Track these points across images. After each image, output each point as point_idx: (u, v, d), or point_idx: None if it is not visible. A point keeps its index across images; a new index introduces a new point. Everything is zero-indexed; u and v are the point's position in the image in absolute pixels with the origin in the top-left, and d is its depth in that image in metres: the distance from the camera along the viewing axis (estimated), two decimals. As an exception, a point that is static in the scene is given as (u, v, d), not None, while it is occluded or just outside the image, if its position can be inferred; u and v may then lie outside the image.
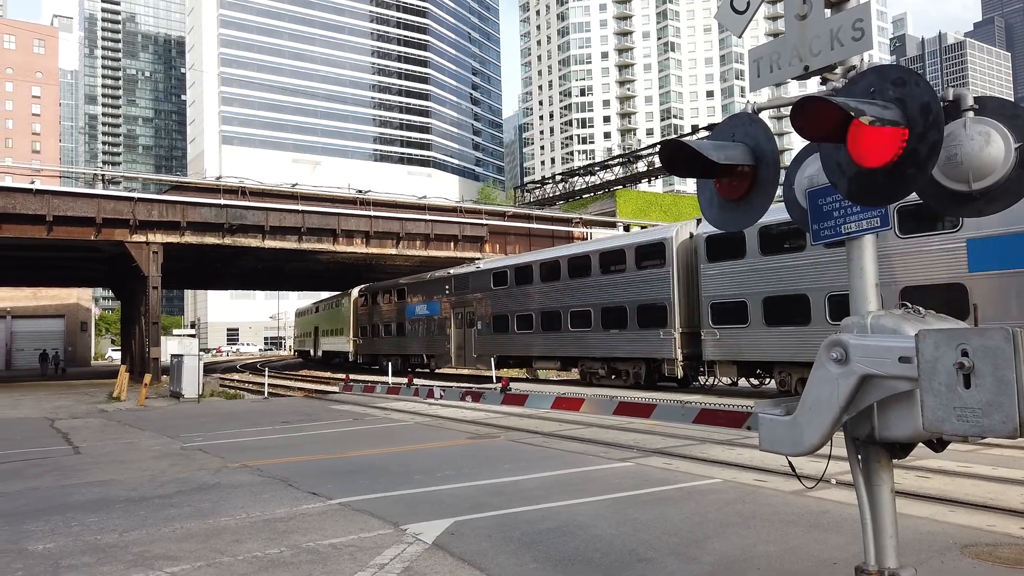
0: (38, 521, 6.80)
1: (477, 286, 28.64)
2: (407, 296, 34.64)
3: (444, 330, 31.01)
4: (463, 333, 29.53)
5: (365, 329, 39.70)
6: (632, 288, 20.85)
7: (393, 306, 36.07)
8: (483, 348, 27.92)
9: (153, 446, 12.08)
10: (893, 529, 3.18)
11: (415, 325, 33.67)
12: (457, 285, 30.19)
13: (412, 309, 33.95)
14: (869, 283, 3.27)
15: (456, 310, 30.11)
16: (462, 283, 29.86)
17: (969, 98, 3.25)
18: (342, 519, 6.51)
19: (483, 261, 29.93)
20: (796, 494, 7.00)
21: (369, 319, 39.05)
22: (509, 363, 27.46)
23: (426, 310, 32.70)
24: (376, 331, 38.19)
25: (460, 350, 29.73)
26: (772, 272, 16.67)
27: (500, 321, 26.99)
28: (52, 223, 27.53)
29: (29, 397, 26.06)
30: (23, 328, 59.38)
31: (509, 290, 26.53)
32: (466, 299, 29.35)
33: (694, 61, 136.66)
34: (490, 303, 27.62)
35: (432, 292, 32.43)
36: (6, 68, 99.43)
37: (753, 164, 3.49)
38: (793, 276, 16.19)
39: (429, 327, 32.41)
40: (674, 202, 53.48)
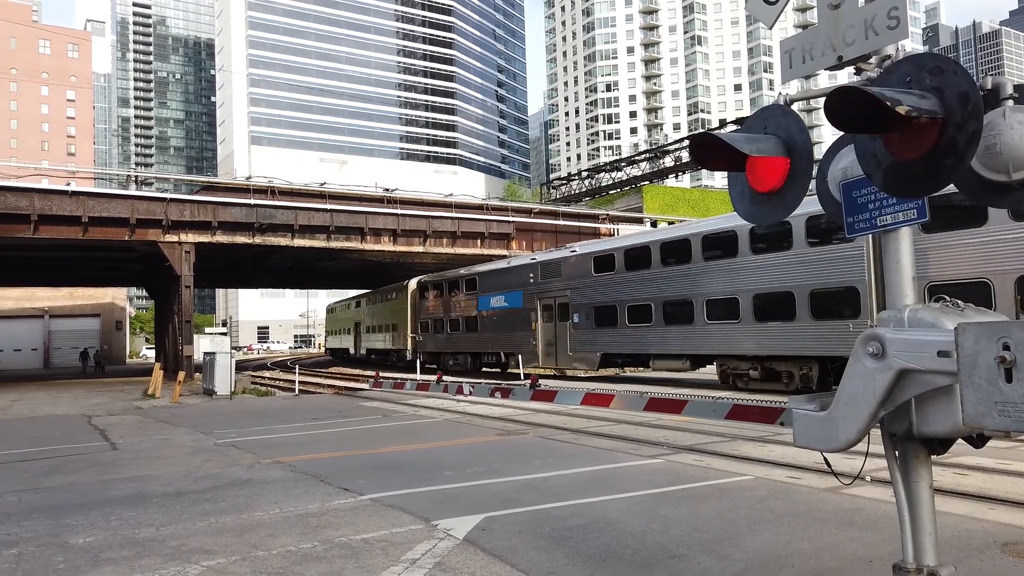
0: (78, 515, 6.95)
1: (573, 273, 24.81)
2: (479, 286, 30.61)
3: (528, 325, 27.19)
4: (553, 328, 25.83)
5: (426, 324, 35.37)
6: (803, 270, 16.89)
7: (461, 298, 31.99)
8: (582, 345, 24.30)
9: (187, 442, 12.28)
10: (932, 526, 3.12)
11: (490, 319, 29.83)
12: (545, 272, 26.39)
13: (486, 301, 30.02)
14: (906, 276, 3.21)
15: (544, 301, 26.34)
16: (551, 270, 26.10)
17: (1009, 86, 3.17)
18: (373, 514, 6.57)
19: (579, 244, 26.34)
20: (830, 491, 6.91)
21: (431, 313, 34.92)
22: (617, 362, 24.15)
23: (504, 302, 28.79)
24: (440, 327, 34.05)
25: (550, 347, 26.05)
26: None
27: (605, 313, 23.22)
28: (88, 224, 28.09)
29: (67, 395, 26.63)
30: (60, 327, 60.68)
31: (617, 277, 22.73)
32: (557, 288, 25.61)
33: (721, 54, 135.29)
34: (591, 292, 23.88)
35: (512, 281, 28.44)
36: (41, 72, 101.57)
37: (786, 156, 3.45)
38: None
39: (508, 321, 28.57)
40: (702, 197, 53.08)
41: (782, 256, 17.49)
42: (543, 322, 26.35)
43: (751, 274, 18.23)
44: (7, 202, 26.80)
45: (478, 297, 30.58)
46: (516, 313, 27.97)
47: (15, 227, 27.15)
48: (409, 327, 37.14)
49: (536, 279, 26.84)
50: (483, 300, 30.28)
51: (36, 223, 27.24)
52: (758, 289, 17.98)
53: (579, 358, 24.56)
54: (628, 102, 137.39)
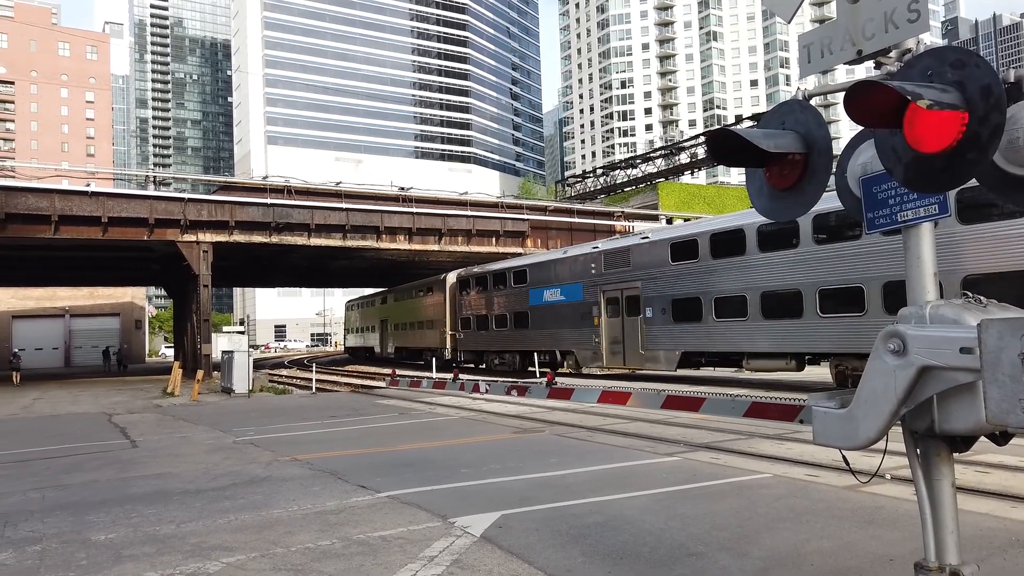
0: (99, 512, 7.03)
1: (645, 262, 22.28)
2: (530, 279, 28.21)
3: (589, 320, 24.72)
4: (619, 323, 23.36)
5: (468, 321, 33.01)
6: (956, 252, 14.08)
7: (509, 292, 29.59)
8: (658, 342, 21.77)
9: (206, 440, 12.38)
10: (954, 524, 3.09)
11: (542, 315, 27.33)
12: (610, 262, 23.87)
13: (538, 295, 27.57)
14: (927, 272, 3.18)
15: (609, 294, 23.83)
16: (617, 259, 23.58)
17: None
18: (391, 512, 6.59)
19: (652, 230, 24.09)
20: (849, 489, 6.86)
21: (473, 309, 32.61)
22: (699, 361, 21.37)
23: (560, 296, 26.32)
24: (483, 323, 31.63)
25: (616, 344, 23.60)
26: None
27: (686, 306, 20.72)
28: (107, 224, 28.38)
29: (87, 393, 26.94)
30: (81, 326, 61.40)
31: (702, 265, 20.18)
32: (625, 279, 23.03)
33: (737, 50, 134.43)
34: (668, 283, 21.31)
35: (569, 273, 26.04)
36: (61, 75, 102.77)
37: (804, 152, 3.42)
38: None
39: (565, 316, 26.04)
40: (718, 194, 52.82)
41: None
42: (607, 317, 23.92)
43: (882, 259, 15.48)
44: (28, 203, 27.13)
45: (528, 291, 28.23)
46: (574, 307, 25.55)
47: (36, 228, 27.49)
48: (448, 324, 34.87)
49: (599, 269, 24.34)
50: (534, 294, 27.91)
51: (57, 223, 27.56)
52: (891, 276, 15.15)
53: (653, 356, 22.00)
54: (643, 99, 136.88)
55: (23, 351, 55.76)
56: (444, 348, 35.06)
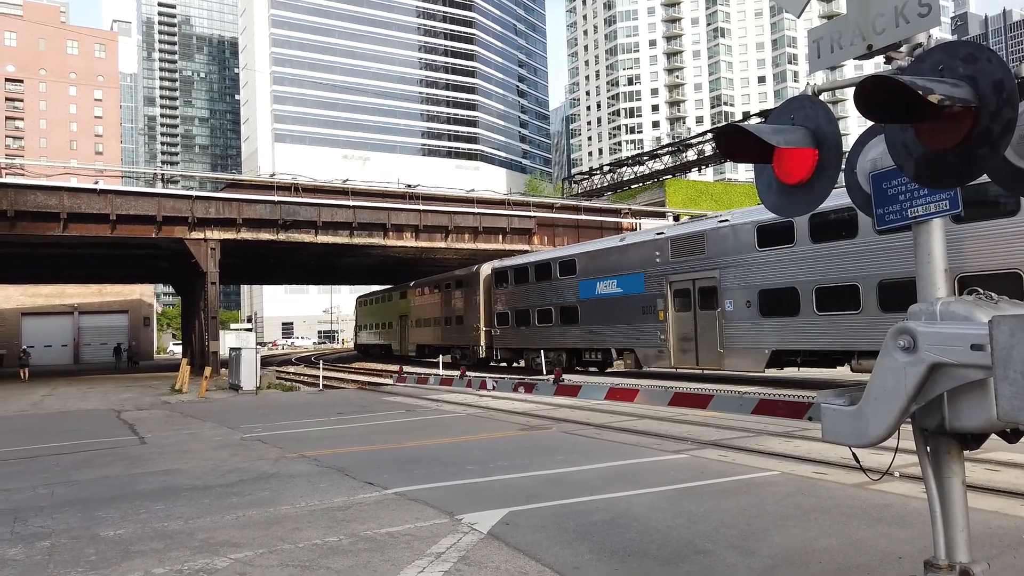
0: (108, 508, 7.06)
1: (723, 248, 19.74)
2: (580, 270, 25.76)
3: (653, 314, 22.25)
4: (691, 318, 20.88)
5: (505, 316, 30.57)
6: None
7: (555, 285, 27.11)
8: (741, 338, 19.23)
9: (214, 437, 12.42)
10: (964, 522, 3.07)
11: (595, 309, 24.83)
12: (679, 249, 21.35)
13: (589, 287, 25.09)
14: (937, 269, 3.16)
15: (678, 285, 21.33)
16: (688, 246, 21.07)
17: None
18: (398, 508, 6.60)
19: (731, 213, 21.13)
20: (858, 487, 6.83)
21: (512, 303, 30.09)
22: (794, 360, 18.58)
23: (616, 288, 23.81)
24: (524, 319, 29.06)
25: (686, 341, 21.11)
26: None
27: (777, 298, 18.24)
28: (115, 221, 28.49)
29: (96, 390, 27.07)
30: (89, 323, 61.68)
31: (797, 251, 17.55)
32: (698, 268, 20.58)
33: (744, 46, 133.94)
34: (754, 272, 18.78)
35: (627, 262, 23.50)
36: (69, 73, 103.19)
37: (814, 147, 3.40)
38: None
39: (622, 310, 23.47)
40: (725, 190, 52.66)
41: None
42: (676, 311, 21.45)
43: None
44: (38, 201, 27.26)
45: (578, 282, 25.73)
46: (634, 300, 23.02)
47: (46, 225, 27.62)
48: (482, 320, 32.30)
49: (665, 258, 21.89)
50: (585, 286, 25.37)
51: (66, 221, 27.68)
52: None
53: (735, 355, 19.40)
54: (650, 95, 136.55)
55: (32, 348, 56.17)
56: (478, 346, 32.64)
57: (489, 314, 31.97)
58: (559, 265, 27.08)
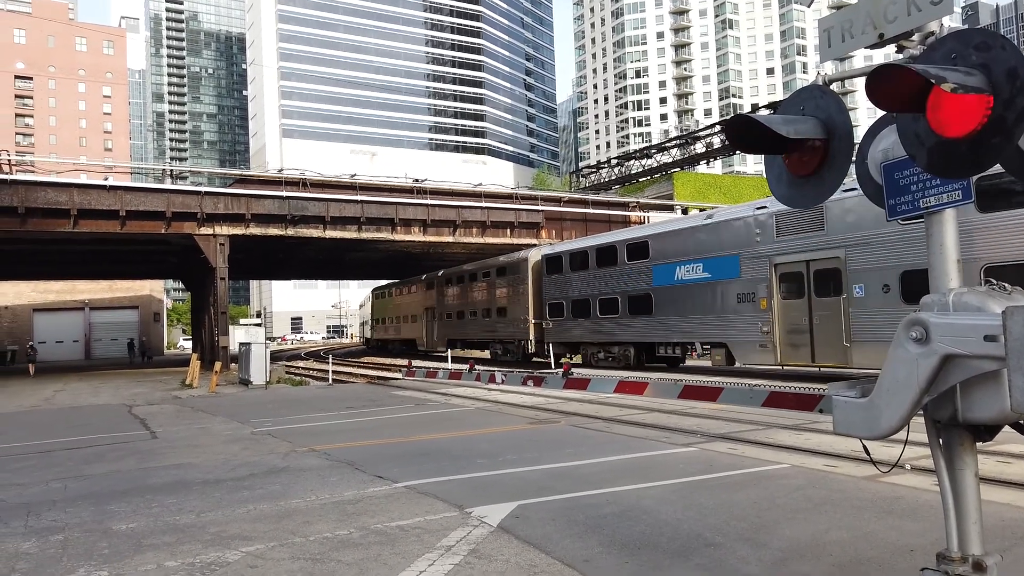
0: (120, 502, 7.11)
1: (850, 223, 16.47)
2: (653, 253, 22.96)
3: (752, 302, 19.21)
4: (804, 306, 17.69)
5: (559, 307, 27.73)
6: None
7: (621, 271, 24.34)
8: (879, 329, 15.87)
9: (225, 431, 12.48)
10: (977, 514, 3.06)
11: (673, 297, 22.04)
12: (789, 226, 18.11)
13: (666, 272, 22.34)
14: (950, 259, 3.13)
15: (785, 268, 18.27)
16: (802, 222, 17.77)
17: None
18: (408, 502, 6.62)
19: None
20: (868, 479, 6.80)
21: (567, 292, 27.26)
22: None
23: (702, 272, 20.97)
24: (583, 309, 26.30)
25: (798, 334, 17.90)
26: None
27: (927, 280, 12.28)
28: (125, 218, 28.62)
29: (108, 385, 27.24)
30: (100, 319, 62.06)
31: (967, 223, 13.64)
32: (815, 247, 17.36)
33: (753, 38, 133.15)
34: (897, 250, 15.61)
35: (715, 242, 20.44)
36: (78, 70, 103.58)
37: (825, 138, 3.38)
38: None
39: (711, 298, 20.59)
40: (734, 183, 52.45)
41: None
42: (782, 298, 18.37)
43: None
44: (48, 197, 27.41)
45: (651, 267, 22.95)
46: (726, 287, 20.03)
47: (56, 222, 27.78)
48: (530, 311, 29.72)
49: (767, 236, 18.71)
50: (661, 271, 22.61)
51: (76, 217, 27.82)
52: None
53: (868, 349, 16.15)
54: (658, 88, 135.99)
55: (44, 344, 56.54)
56: (525, 340, 30.01)
57: (539, 305, 29.33)
58: (627, 248, 24.18)
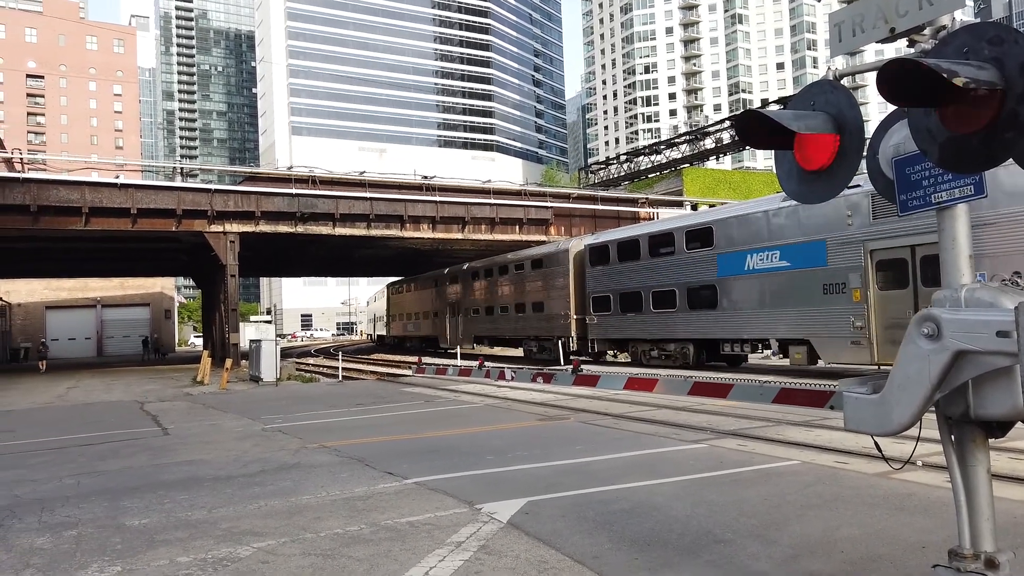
0: (133, 498, 7.16)
1: (987, 200, 6.56)
2: (719, 240, 20.71)
3: (841, 293, 16.97)
4: (910, 297, 15.44)
5: (604, 301, 25.64)
6: None
7: (679, 261, 22.24)
8: None
9: (236, 428, 12.55)
10: (990, 511, 3.04)
11: (745, 288, 19.80)
12: (884, 208, 15.59)
13: (735, 261, 20.11)
14: (962, 255, 3.11)
15: (884, 254, 15.93)
16: None
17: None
18: (418, 498, 6.64)
19: None
20: (880, 476, 6.78)
21: (613, 285, 25.18)
22: None
23: (780, 260, 18.72)
24: (633, 303, 24.13)
25: (898, 330, 15.46)
26: None
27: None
28: (136, 215, 28.78)
29: (120, 382, 27.42)
30: (112, 316, 62.47)
31: None
32: (923, 231, 14.73)
33: (763, 33, 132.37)
34: None
35: (798, 227, 18.12)
36: (89, 68, 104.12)
37: (836, 133, 3.36)
38: None
39: (791, 290, 18.29)
40: (743, 179, 52.23)
41: None
42: (881, 289, 16.19)
43: None
44: (60, 195, 27.59)
45: (716, 256, 20.81)
46: (809, 277, 17.79)
47: (68, 219, 27.96)
48: (572, 306, 27.56)
49: (862, 219, 16.39)
50: (728, 260, 20.41)
51: (88, 215, 28.00)
52: None
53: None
54: (667, 84, 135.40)
55: (56, 341, 57.04)
56: (566, 337, 27.76)
57: (581, 299, 27.19)
58: (687, 235, 22.02)
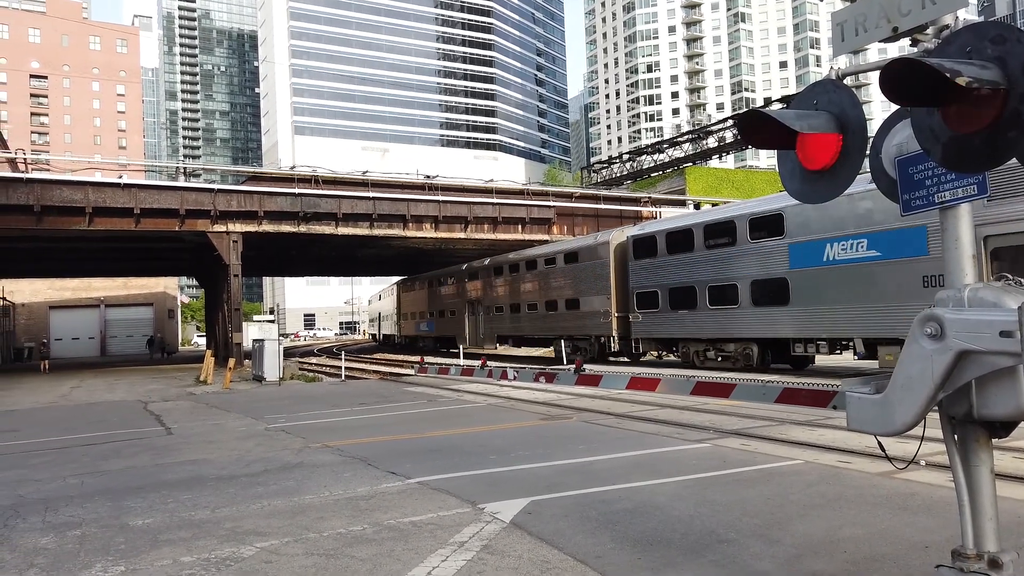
0: (137, 498, 7.17)
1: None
2: (790, 228, 18.65)
3: None
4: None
5: (651, 297, 23.61)
6: None
7: (741, 252, 20.22)
8: None
9: (239, 427, 12.57)
10: (993, 511, 3.04)
11: (825, 282, 17.69)
12: (1002, 188, 13.50)
13: (811, 252, 18.10)
14: (965, 254, 3.11)
15: (1003, 240, 13.77)
16: None
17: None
18: (421, 497, 6.64)
19: None
20: (883, 476, 6.77)
21: (661, 279, 23.09)
22: None
23: (868, 250, 16.68)
24: (685, 299, 22.17)
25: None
26: None
27: None
28: (139, 215, 28.84)
29: (123, 381, 27.47)
30: (115, 316, 62.64)
31: None
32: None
33: (766, 31, 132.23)
34: None
35: (888, 213, 15.75)
36: (92, 68, 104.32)
37: (838, 133, 3.36)
38: None
39: (882, 283, 16.31)
40: (746, 178, 52.17)
41: None
42: (997, 280, 9.20)
43: None
44: (63, 195, 27.65)
45: (788, 246, 18.71)
46: (904, 268, 15.84)
47: (72, 219, 28.03)
48: (613, 303, 25.42)
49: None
50: (802, 251, 18.38)
51: (91, 215, 28.06)
52: None
53: None
54: (670, 82, 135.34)
55: (60, 340, 57.20)
56: (608, 336, 25.71)
57: (623, 295, 25.04)
58: (750, 224, 19.96)
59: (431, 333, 43.76)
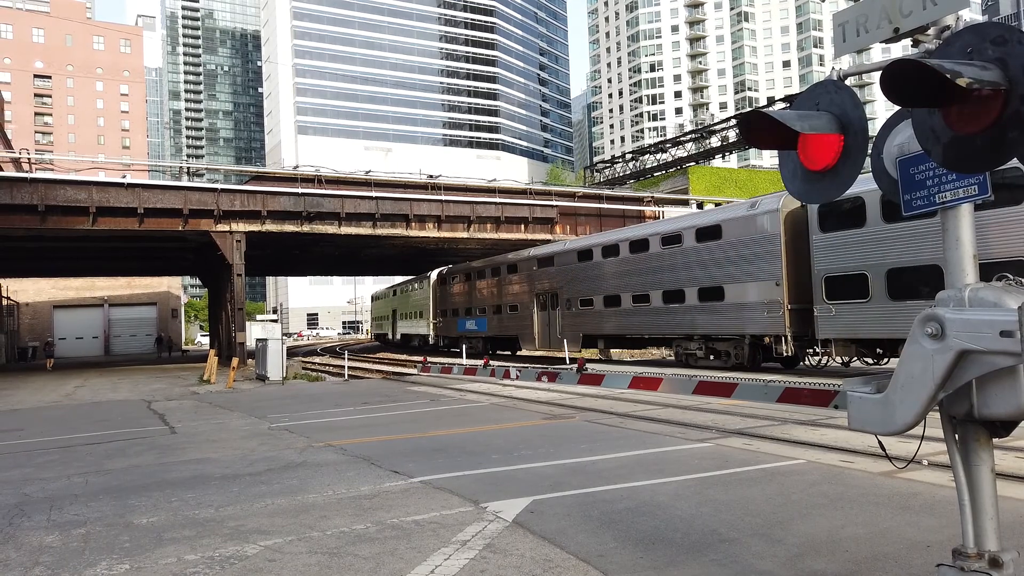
0: (141, 496, 7.21)
1: None
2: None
3: None
4: None
5: (855, 283, 17.40)
6: None
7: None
8: None
9: (242, 426, 12.60)
10: (994, 510, 3.04)
11: None
12: None
13: None
14: (966, 254, 3.12)
15: None
16: None
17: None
18: (424, 496, 6.66)
19: None
20: (885, 475, 6.77)
21: (873, 258, 16.53)
22: None
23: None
24: (919, 286, 15.74)
25: None
26: None
27: None
28: (143, 215, 28.89)
29: (127, 381, 27.53)
30: (119, 315, 62.77)
31: None
32: None
33: (769, 31, 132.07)
34: None
35: None
36: (96, 68, 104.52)
37: (840, 133, 3.37)
38: None
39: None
40: (749, 177, 52.10)
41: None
42: None
43: None
44: (67, 195, 27.71)
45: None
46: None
47: (75, 219, 28.09)
48: (785, 292, 19.06)
49: None
50: None
51: (95, 215, 28.12)
52: None
53: None
54: (673, 82, 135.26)
55: (64, 340, 57.36)
56: (781, 334, 18.87)
57: (798, 282, 18.80)
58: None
59: (480, 333, 36.21)
